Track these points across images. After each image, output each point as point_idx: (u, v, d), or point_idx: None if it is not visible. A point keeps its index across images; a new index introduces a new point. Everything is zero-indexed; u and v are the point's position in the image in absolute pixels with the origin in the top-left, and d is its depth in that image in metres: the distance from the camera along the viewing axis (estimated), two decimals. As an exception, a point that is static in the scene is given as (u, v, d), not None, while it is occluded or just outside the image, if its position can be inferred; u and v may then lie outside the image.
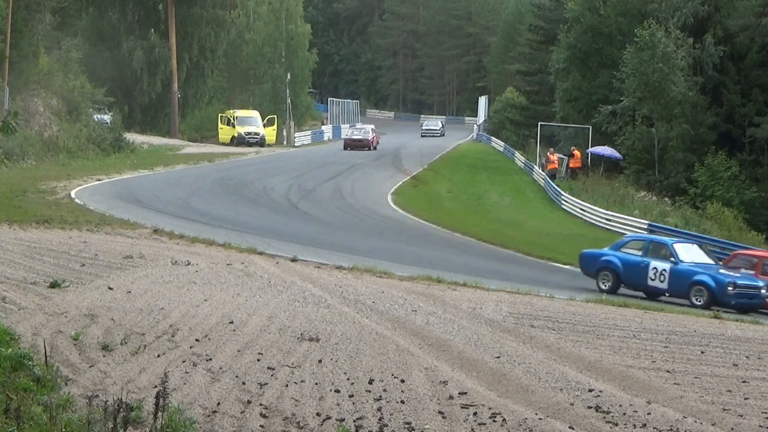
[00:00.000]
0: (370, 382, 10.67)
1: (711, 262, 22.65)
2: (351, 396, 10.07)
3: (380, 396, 10.12)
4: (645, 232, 33.63)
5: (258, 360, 11.27)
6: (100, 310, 13.33)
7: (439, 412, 9.64)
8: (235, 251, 20.78)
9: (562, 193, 40.75)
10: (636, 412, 10.10)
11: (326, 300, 15.62)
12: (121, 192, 32.77)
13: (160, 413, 7.91)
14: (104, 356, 10.99)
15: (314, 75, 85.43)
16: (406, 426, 9.17)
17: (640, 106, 45.87)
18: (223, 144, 63.42)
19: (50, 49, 53.13)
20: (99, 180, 36.21)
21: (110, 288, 15.05)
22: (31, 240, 20.07)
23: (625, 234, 33.79)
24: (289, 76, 70.66)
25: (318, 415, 9.35)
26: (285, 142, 67.86)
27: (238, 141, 63.19)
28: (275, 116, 67.04)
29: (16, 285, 14.88)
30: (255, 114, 66.83)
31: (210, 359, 11.11)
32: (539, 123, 53.60)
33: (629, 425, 9.66)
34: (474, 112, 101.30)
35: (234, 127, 64.45)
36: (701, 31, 46.54)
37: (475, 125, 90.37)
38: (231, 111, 68.26)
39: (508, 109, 71.89)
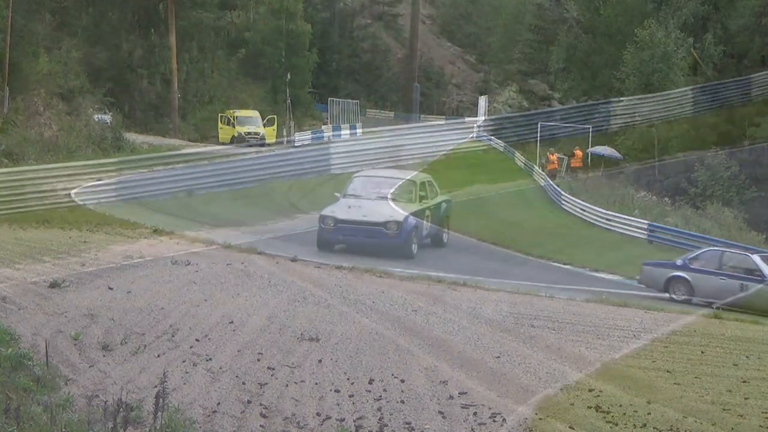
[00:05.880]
0: (370, 382, 10.66)
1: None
2: (351, 396, 10.06)
3: (380, 396, 10.12)
4: (647, 233, 33.64)
5: (258, 360, 11.26)
6: (100, 310, 13.32)
7: (439, 412, 9.64)
8: (235, 251, 20.78)
9: (562, 193, 40.74)
10: (636, 412, 10.09)
11: (326, 300, 15.61)
12: (121, 192, 32.72)
13: (160, 413, 7.91)
14: (104, 356, 10.98)
15: (314, 75, 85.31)
16: (406, 426, 9.16)
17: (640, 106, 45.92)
18: (223, 144, 63.37)
19: (50, 49, 53.10)
20: (99, 180, 36.12)
21: (110, 288, 15.04)
22: (31, 240, 20.06)
23: (625, 234, 33.79)
24: (289, 76, 70.59)
25: (318, 415, 9.34)
26: (285, 142, 67.79)
27: (238, 141, 63.17)
28: (275, 116, 67.01)
29: (16, 285, 14.87)
30: (255, 114, 66.81)
31: (210, 359, 11.10)
32: (539, 123, 53.61)
33: (629, 425, 9.65)
34: (474, 112, 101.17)
35: (234, 127, 64.44)
36: (701, 31, 46.58)
37: (475, 125, 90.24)
38: (231, 111, 68.24)
39: (509, 109, 71.85)
